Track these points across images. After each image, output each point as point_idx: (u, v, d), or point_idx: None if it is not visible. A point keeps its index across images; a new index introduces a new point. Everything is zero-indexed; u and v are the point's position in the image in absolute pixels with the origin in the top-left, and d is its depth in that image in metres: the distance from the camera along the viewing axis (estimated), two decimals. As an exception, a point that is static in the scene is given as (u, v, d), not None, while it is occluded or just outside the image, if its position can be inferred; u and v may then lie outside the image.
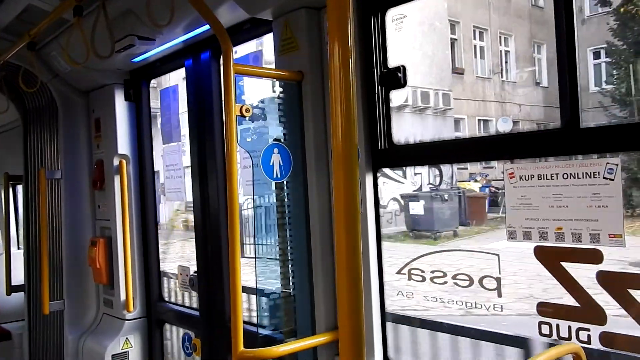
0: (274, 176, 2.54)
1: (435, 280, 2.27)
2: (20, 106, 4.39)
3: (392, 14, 2.38)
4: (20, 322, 4.95)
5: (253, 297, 3.27)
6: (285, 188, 2.68)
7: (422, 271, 2.34)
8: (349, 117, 1.27)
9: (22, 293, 4.70)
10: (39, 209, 4.19)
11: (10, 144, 5.12)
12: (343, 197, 1.23)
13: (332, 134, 1.30)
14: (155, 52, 3.52)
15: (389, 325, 2.49)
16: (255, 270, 2.60)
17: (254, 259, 2.61)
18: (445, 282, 2.26)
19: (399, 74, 2.36)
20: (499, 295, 2.11)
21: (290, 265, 2.70)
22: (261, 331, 2.71)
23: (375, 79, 2.42)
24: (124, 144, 4.10)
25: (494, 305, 2.20)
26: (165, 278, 4.66)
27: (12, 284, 4.89)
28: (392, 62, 2.41)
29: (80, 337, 4.25)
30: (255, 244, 2.61)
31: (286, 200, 2.68)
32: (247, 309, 4.22)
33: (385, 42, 2.41)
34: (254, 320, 2.85)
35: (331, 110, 1.32)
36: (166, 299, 4.28)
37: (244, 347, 2.26)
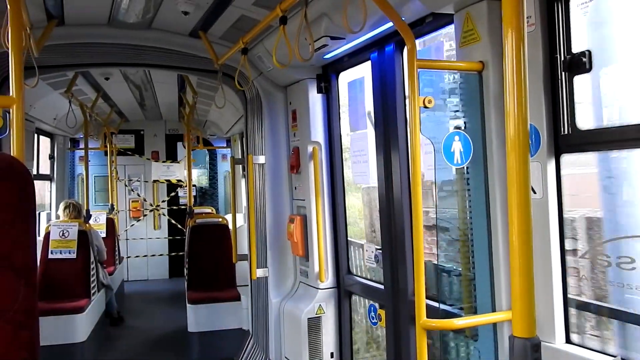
0: (455, 162, 2.69)
1: None
2: (243, 100, 5.17)
3: None
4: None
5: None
6: (465, 173, 2.82)
7: None
8: (522, 104, 1.40)
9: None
10: (249, 190, 4.92)
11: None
12: (515, 181, 1.37)
13: (505, 120, 1.44)
14: (344, 48, 3.88)
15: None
16: (437, 250, 2.80)
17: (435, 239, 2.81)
18: None
19: (584, 59, 2.34)
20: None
21: (470, 246, 2.85)
22: (442, 306, 2.91)
23: (558, 64, 2.43)
24: (316, 132, 4.57)
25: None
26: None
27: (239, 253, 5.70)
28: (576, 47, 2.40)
29: (281, 301, 4.90)
30: (437, 226, 2.81)
31: (466, 185, 2.83)
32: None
33: (569, 27, 2.40)
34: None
35: (505, 97, 1.46)
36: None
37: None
